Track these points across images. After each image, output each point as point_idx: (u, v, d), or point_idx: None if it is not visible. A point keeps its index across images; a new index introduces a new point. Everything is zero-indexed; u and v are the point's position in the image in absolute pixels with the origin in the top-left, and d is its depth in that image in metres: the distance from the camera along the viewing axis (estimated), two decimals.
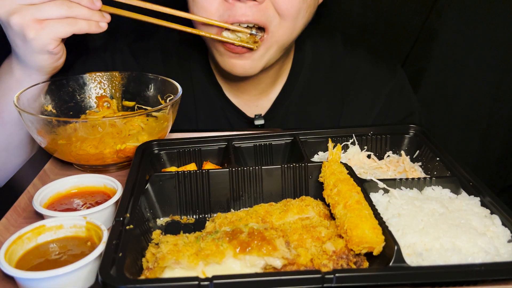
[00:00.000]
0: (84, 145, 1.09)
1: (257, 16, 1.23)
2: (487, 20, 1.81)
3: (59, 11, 1.10)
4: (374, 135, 1.16)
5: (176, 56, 1.53)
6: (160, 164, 1.10)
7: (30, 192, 1.05)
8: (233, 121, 1.52)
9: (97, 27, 1.15)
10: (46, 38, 1.10)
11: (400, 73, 1.58)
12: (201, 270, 0.75)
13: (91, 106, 1.33)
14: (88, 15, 1.13)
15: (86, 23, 1.13)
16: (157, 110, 1.14)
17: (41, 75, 1.21)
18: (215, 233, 0.80)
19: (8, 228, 0.95)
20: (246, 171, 0.99)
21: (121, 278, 0.71)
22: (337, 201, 0.87)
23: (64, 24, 1.11)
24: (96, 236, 0.85)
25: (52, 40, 1.11)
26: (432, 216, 0.87)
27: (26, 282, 0.76)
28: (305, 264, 0.78)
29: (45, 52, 1.13)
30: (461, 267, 0.76)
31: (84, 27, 1.13)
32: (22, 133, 1.26)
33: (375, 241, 0.77)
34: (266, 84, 1.49)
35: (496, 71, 1.86)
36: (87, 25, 1.14)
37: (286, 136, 1.14)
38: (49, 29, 1.09)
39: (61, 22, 1.10)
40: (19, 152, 1.29)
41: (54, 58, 1.16)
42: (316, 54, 1.54)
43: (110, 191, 1.01)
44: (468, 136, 1.96)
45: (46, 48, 1.11)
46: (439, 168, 1.05)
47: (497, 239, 0.83)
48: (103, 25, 1.16)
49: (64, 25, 1.11)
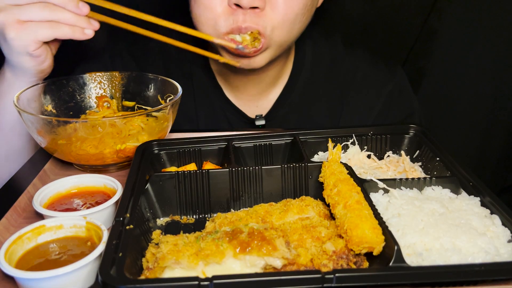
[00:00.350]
0: (84, 145, 1.09)
1: (257, 22, 1.23)
2: (487, 20, 1.81)
3: (42, 14, 1.09)
4: (374, 135, 1.16)
5: (176, 57, 1.53)
6: (160, 164, 1.10)
7: (30, 192, 1.05)
8: (233, 122, 1.53)
9: (82, 33, 1.13)
10: (26, 39, 1.09)
11: (400, 73, 1.58)
12: (201, 270, 0.75)
13: (91, 106, 1.33)
14: (72, 20, 1.11)
15: (69, 28, 1.12)
16: (157, 110, 1.14)
17: (29, 78, 1.20)
18: (215, 233, 0.80)
19: (8, 228, 0.95)
20: (246, 171, 0.99)
21: (121, 278, 0.71)
22: (337, 201, 0.87)
23: (45, 27, 1.10)
24: (96, 236, 0.85)
25: (32, 42, 1.10)
26: (432, 216, 0.87)
27: (26, 282, 0.76)
28: (305, 264, 0.78)
29: (25, 54, 1.12)
30: (461, 267, 0.76)
31: (67, 32, 1.12)
32: (20, 140, 1.26)
33: (375, 241, 0.77)
34: (266, 83, 1.49)
35: (496, 71, 1.86)
36: (71, 31, 1.12)
37: (286, 136, 1.14)
38: (29, 30, 1.09)
39: (42, 25, 1.09)
40: (17, 159, 1.28)
41: (36, 61, 1.15)
42: (316, 54, 1.54)
43: (110, 191, 1.01)
44: (468, 136, 1.96)
45: (26, 49, 1.11)
46: (439, 168, 1.05)
47: (497, 239, 0.83)
48: (89, 32, 1.14)
49: (45, 28, 1.10)
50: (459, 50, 1.85)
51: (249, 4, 1.20)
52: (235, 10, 1.23)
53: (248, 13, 1.22)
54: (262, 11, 1.23)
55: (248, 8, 1.21)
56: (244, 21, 1.23)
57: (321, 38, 1.56)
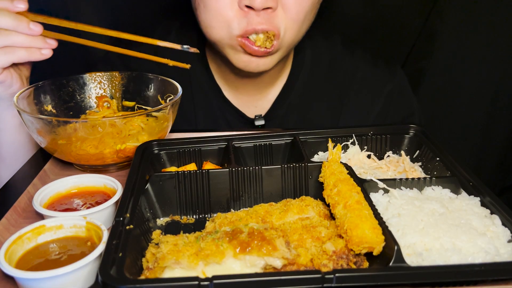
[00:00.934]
0: (84, 145, 1.09)
1: (271, 22, 1.24)
2: (487, 20, 1.81)
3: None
4: (374, 135, 1.16)
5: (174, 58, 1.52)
6: (160, 164, 1.10)
7: (30, 192, 1.05)
8: (232, 122, 1.52)
9: (39, 54, 1.12)
10: None
11: (400, 73, 1.58)
12: (201, 270, 0.75)
13: (91, 106, 1.33)
14: (27, 42, 1.10)
15: (25, 51, 1.11)
16: (157, 110, 1.14)
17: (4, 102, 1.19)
18: (215, 233, 0.80)
19: (8, 228, 0.95)
20: (246, 171, 0.99)
21: (121, 278, 0.71)
22: (337, 201, 0.87)
23: (1, 53, 1.09)
24: (96, 236, 0.85)
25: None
26: (432, 216, 0.87)
27: (26, 282, 0.76)
28: (305, 264, 0.78)
29: None
30: (461, 267, 0.76)
31: (23, 55, 1.11)
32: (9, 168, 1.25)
33: (375, 241, 0.77)
34: (266, 83, 1.49)
35: (496, 71, 1.86)
36: (27, 53, 1.11)
37: (286, 136, 1.14)
38: None
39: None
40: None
41: (3, 86, 1.15)
42: (316, 54, 1.54)
43: (110, 191, 1.01)
44: (468, 136, 1.96)
45: None
46: (439, 168, 1.05)
47: (497, 239, 0.83)
48: (46, 52, 1.13)
49: (1, 54, 1.09)
50: (459, 50, 1.85)
51: (262, 5, 1.20)
52: (247, 13, 1.23)
53: (261, 14, 1.22)
54: (274, 11, 1.24)
55: (261, 10, 1.22)
56: (259, 22, 1.23)
57: (320, 38, 1.56)
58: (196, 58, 1.51)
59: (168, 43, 1.20)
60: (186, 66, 1.23)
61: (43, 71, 1.27)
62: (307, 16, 1.30)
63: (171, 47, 1.20)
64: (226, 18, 1.25)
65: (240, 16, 1.24)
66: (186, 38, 1.52)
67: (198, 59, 1.51)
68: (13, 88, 1.16)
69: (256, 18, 1.22)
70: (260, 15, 1.22)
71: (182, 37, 1.53)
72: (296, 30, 1.30)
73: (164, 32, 1.55)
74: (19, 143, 1.25)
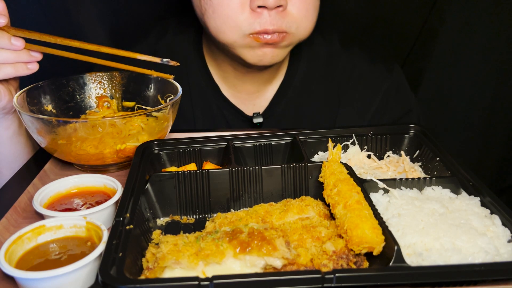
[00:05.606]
0: (84, 145, 1.09)
1: (282, 22, 1.24)
2: (487, 21, 1.81)
3: None
4: (374, 135, 1.16)
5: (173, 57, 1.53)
6: (160, 164, 1.10)
7: (30, 192, 1.05)
8: (231, 120, 1.53)
9: (25, 69, 1.12)
10: None
11: (397, 71, 1.58)
12: (201, 270, 0.75)
13: (91, 106, 1.33)
14: (11, 58, 1.09)
15: (11, 67, 1.10)
16: (157, 110, 1.14)
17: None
18: (215, 233, 0.80)
19: (8, 228, 0.95)
20: (246, 171, 0.99)
21: (121, 278, 0.71)
22: (337, 201, 0.87)
23: None
24: (96, 236, 0.85)
25: None
26: (432, 216, 0.87)
27: (26, 282, 0.76)
28: (305, 264, 0.78)
29: None
30: (461, 267, 0.76)
31: (9, 71, 1.10)
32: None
33: (375, 241, 0.77)
34: (264, 80, 1.50)
35: (496, 71, 1.86)
36: (13, 69, 1.10)
37: (286, 136, 1.14)
38: None
39: None
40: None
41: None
42: (313, 51, 1.54)
43: (110, 191, 1.01)
44: (468, 136, 1.96)
45: None
46: (439, 168, 1.05)
47: (497, 239, 0.83)
48: (32, 67, 1.12)
49: None
50: (459, 50, 1.85)
51: (275, 3, 1.20)
52: (259, 14, 1.23)
53: (273, 14, 1.23)
54: (285, 9, 1.24)
55: (273, 9, 1.22)
56: (271, 23, 1.23)
57: (317, 36, 1.56)
58: (194, 57, 1.51)
59: (148, 56, 1.19)
60: (170, 76, 1.25)
61: (43, 71, 1.27)
62: (316, 10, 1.32)
63: (150, 60, 1.19)
64: (236, 22, 1.24)
65: (251, 18, 1.24)
66: (183, 36, 1.53)
67: (196, 58, 1.51)
68: (2, 102, 1.15)
69: (267, 19, 1.23)
70: (271, 15, 1.23)
71: (178, 36, 1.53)
72: (308, 23, 1.31)
73: (160, 31, 1.55)
74: (13, 155, 1.24)
